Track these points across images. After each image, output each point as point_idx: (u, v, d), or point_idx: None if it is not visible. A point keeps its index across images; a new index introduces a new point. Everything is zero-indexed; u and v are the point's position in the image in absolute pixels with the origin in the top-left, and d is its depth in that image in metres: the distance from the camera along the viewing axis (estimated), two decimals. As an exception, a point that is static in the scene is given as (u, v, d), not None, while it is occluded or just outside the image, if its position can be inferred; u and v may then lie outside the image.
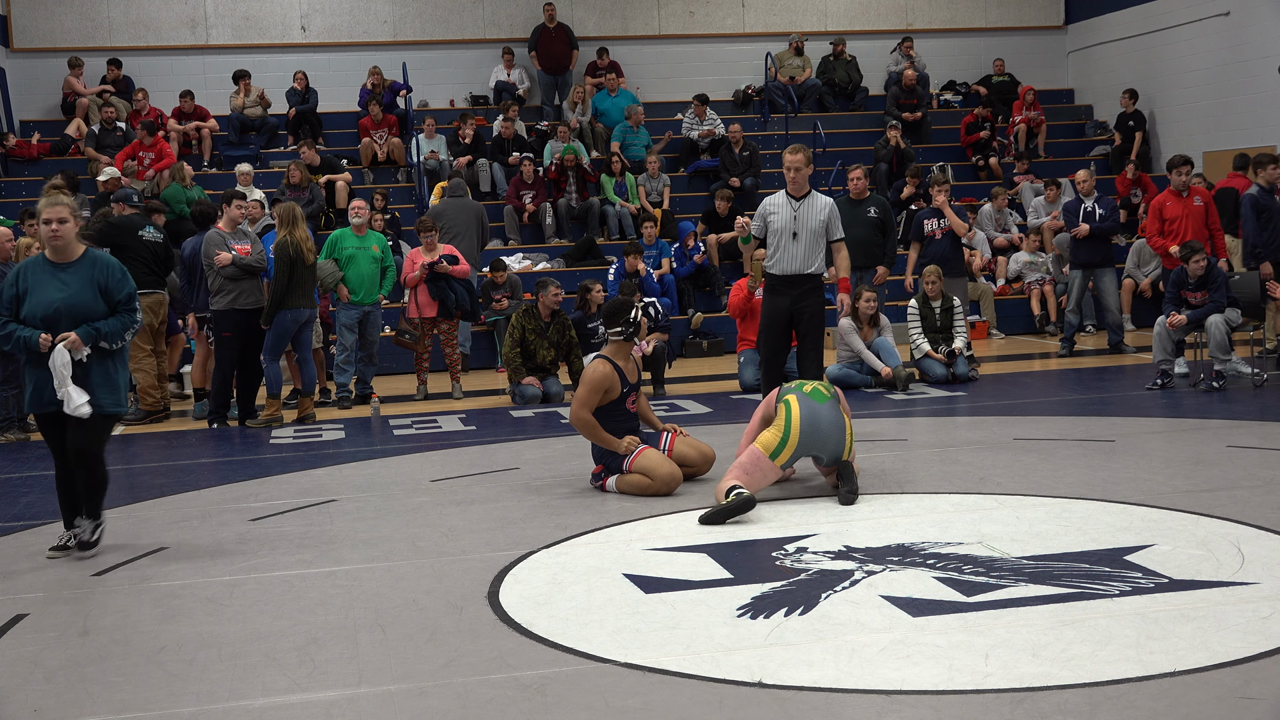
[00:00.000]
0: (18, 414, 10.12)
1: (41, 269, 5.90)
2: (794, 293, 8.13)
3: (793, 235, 8.08)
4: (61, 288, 5.87)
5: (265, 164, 16.87)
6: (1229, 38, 17.10)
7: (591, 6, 19.32)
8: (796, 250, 8.10)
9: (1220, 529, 5.63)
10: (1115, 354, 12.53)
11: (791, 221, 8.08)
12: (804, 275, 8.14)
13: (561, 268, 15.03)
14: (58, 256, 5.91)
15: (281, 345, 10.30)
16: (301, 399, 10.50)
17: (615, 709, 3.79)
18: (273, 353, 10.29)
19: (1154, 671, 3.93)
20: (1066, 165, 17.40)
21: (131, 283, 6.03)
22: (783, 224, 8.11)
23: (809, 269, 8.15)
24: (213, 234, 10.29)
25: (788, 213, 8.12)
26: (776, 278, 8.19)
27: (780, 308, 8.17)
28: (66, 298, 5.83)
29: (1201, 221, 11.70)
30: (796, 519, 6.18)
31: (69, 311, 5.82)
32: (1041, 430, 8.42)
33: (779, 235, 8.13)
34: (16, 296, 5.89)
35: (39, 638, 4.75)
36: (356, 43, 18.55)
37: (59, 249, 5.89)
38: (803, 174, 8.13)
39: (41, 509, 7.22)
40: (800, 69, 19.07)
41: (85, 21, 18.13)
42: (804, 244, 8.10)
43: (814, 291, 8.19)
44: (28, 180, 16.26)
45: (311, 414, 10.45)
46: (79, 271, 5.89)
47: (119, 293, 5.90)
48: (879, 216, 11.73)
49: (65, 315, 5.82)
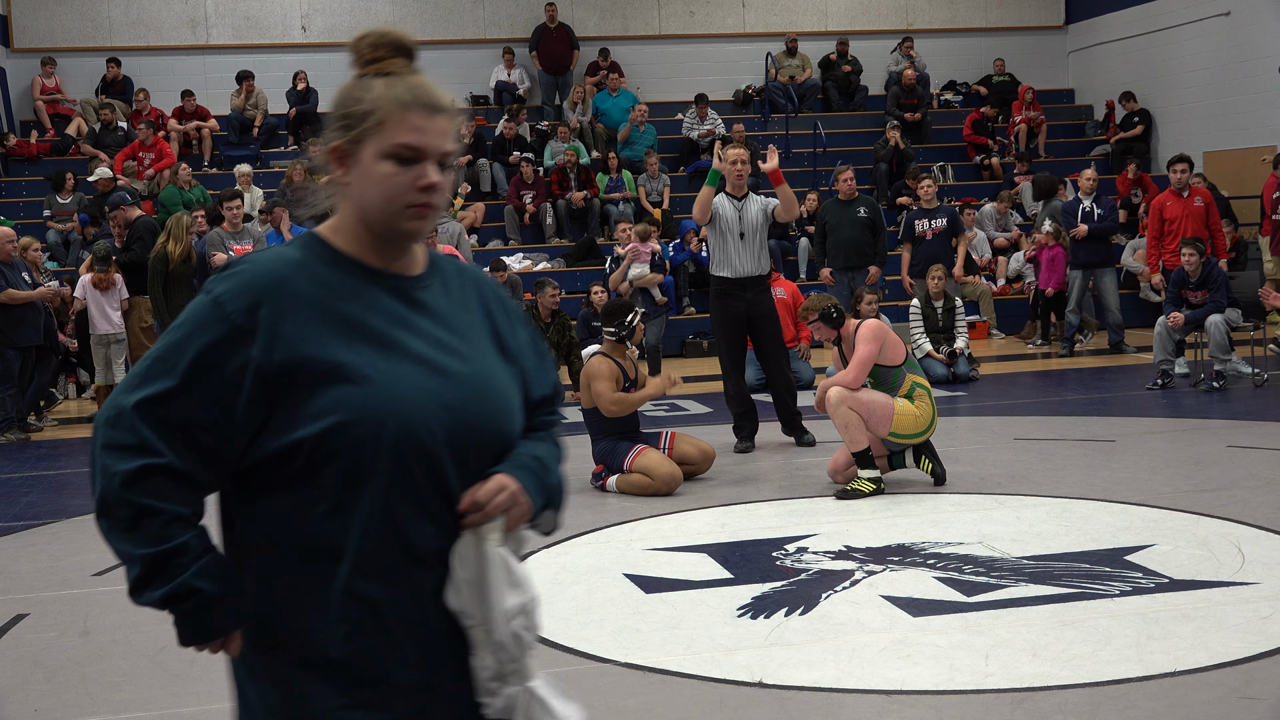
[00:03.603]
0: (17, 414, 10.12)
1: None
2: (748, 295, 7.98)
3: (739, 235, 7.95)
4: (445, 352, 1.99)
5: (265, 164, 16.87)
6: (1229, 38, 17.10)
7: (592, 6, 19.31)
8: (745, 251, 7.96)
9: (1220, 529, 5.63)
10: (1115, 354, 12.52)
11: (737, 222, 7.96)
12: (756, 276, 8.02)
13: (561, 268, 15.03)
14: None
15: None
16: None
17: (615, 709, 3.79)
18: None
19: (1154, 671, 3.93)
20: (1066, 165, 17.39)
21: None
22: (728, 225, 7.96)
23: (760, 269, 8.04)
24: (213, 234, 10.30)
25: (731, 213, 8.00)
26: (729, 281, 7.99)
27: (737, 312, 7.98)
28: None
29: (1202, 221, 11.69)
30: (796, 519, 6.18)
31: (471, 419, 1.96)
32: (1041, 430, 8.41)
33: (725, 237, 7.97)
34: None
35: (39, 638, 4.75)
36: (357, 43, 18.53)
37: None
38: (746, 170, 8.07)
39: (41, 509, 7.22)
40: (800, 69, 19.06)
41: (85, 21, 18.12)
42: (752, 243, 7.97)
43: (766, 291, 8.13)
44: (28, 180, 16.26)
45: None
46: (455, 308, 1.99)
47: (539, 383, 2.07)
48: (869, 217, 11.74)
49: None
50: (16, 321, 9.89)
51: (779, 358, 8.10)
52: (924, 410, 6.61)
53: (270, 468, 1.78)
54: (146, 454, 1.72)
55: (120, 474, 1.72)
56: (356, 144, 1.80)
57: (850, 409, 6.49)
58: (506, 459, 1.86)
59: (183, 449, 1.73)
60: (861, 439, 6.54)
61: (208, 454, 1.76)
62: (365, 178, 1.80)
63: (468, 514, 1.80)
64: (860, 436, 6.53)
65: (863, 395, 6.54)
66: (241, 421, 1.74)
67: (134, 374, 1.77)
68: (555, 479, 1.93)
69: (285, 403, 1.74)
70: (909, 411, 6.58)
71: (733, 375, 8.10)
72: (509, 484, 1.82)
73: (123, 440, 1.72)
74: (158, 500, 1.73)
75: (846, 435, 6.57)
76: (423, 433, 1.76)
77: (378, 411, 1.74)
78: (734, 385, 8.10)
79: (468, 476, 1.81)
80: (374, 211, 1.81)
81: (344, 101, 1.85)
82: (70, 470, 8.64)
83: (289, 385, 1.74)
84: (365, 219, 1.82)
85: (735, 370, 8.11)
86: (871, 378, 6.68)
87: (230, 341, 1.73)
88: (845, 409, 6.50)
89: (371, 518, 1.75)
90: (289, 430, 1.74)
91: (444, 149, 1.81)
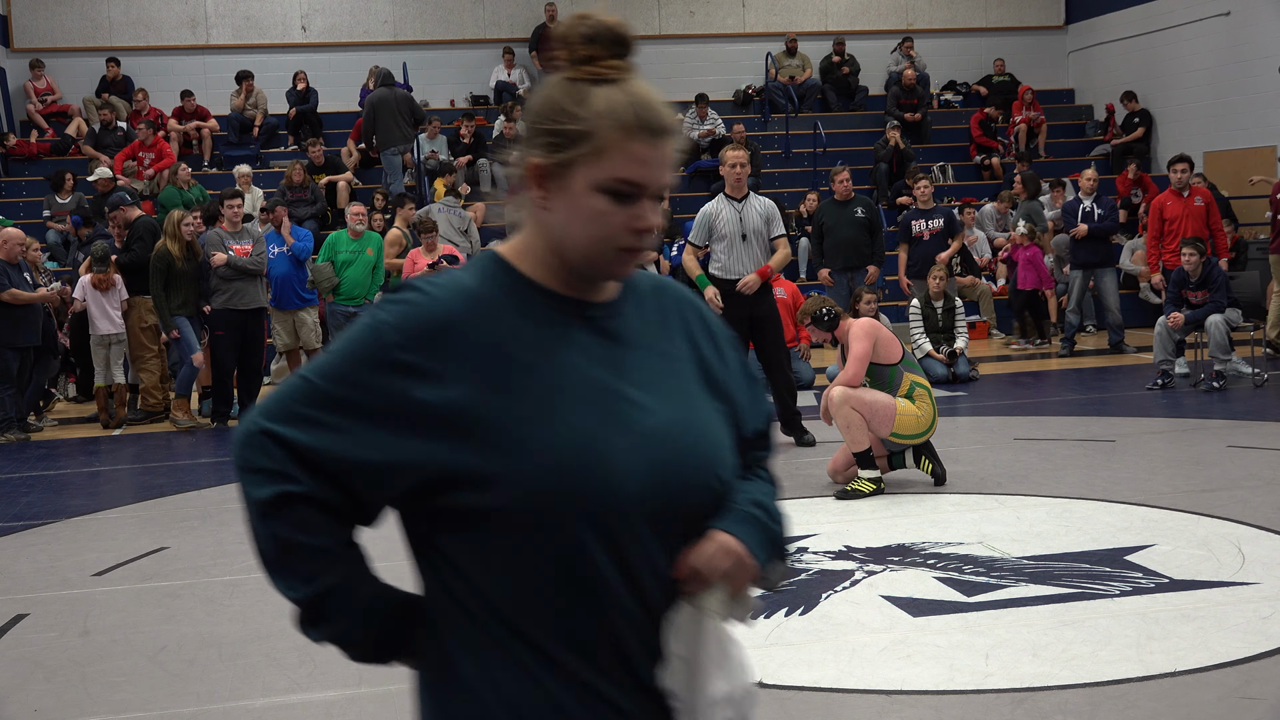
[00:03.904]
0: (17, 414, 10.12)
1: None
2: (751, 296, 7.98)
3: (742, 238, 7.95)
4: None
5: (265, 164, 16.87)
6: (1229, 38, 17.10)
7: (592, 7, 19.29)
8: (748, 253, 7.97)
9: (1221, 529, 5.63)
10: (1115, 354, 12.52)
11: (739, 224, 7.96)
12: None
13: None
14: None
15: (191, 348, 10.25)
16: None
17: (615, 709, 3.78)
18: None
19: (1154, 671, 3.93)
20: (1067, 165, 17.39)
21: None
22: (730, 228, 7.96)
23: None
24: (212, 234, 10.29)
25: (732, 215, 8.00)
26: (731, 282, 7.98)
27: (739, 315, 7.91)
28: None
29: (1202, 221, 11.69)
30: (796, 519, 6.17)
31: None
32: (1041, 430, 8.41)
33: (728, 240, 7.98)
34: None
35: (39, 638, 4.74)
36: (357, 43, 18.54)
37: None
38: (745, 172, 8.07)
39: (41, 509, 7.22)
40: (800, 69, 19.06)
41: (85, 21, 18.12)
42: (753, 245, 7.97)
43: (768, 292, 8.13)
44: (28, 180, 16.26)
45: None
46: (656, 338, 1.66)
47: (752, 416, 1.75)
48: (866, 216, 11.75)
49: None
50: (16, 322, 9.90)
51: (780, 358, 8.11)
52: (925, 411, 6.61)
53: (442, 518, 1.53)
54: (283, 480, 1.50)
55: (258, 502, 1.52)
56: (565, 168, 1.51)
57: (853, 409, 6.49)
58: (724, 511, 1.59)
59: (323, 480, 1.51)
60: (863, 439, 6.54)
61: (349, 491, 1.52)
62: (573, 210, 1.52)
63: (684, 582, 1.55)
64: (862, 437, 6.53)
65: (865, 395, 6.54)
66: (389, 468, 1.49)
67: (280, 392, 1.54)
68: (779, 525, 1.67)
69: (452, 455, 1.48)
70: (910, 412, 6.58)
71: None
72: (732, 546, 1.56)
73: (258, 462, 1.52)
74: (299, 533, 1.51)
75: (848, 435, 6.57)
76: (619, 492, 1.50)
77: (565, 468, 1.48)
78: None
79: (676, 536, 1.55)
80: (578, 249, 1.54)
81: (552, 113, 1.53)
82: (70, 470, 8.64)
83: (457, 435, 1.48)
84: (562, 251, 1.56)
85: None
86: (868, 377, 6.68)
87: (386, 376, 1.48)
88: (848, 409, 6.50)
89: (558, 586, 1.51)
90: (458, 486, 1.49)
91: (664, 183, 1.55)
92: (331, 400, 1.50)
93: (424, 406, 1.48)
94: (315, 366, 1.54)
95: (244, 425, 1.55)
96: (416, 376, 1.48)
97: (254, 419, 1.54)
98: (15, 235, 10.15)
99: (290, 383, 1.55)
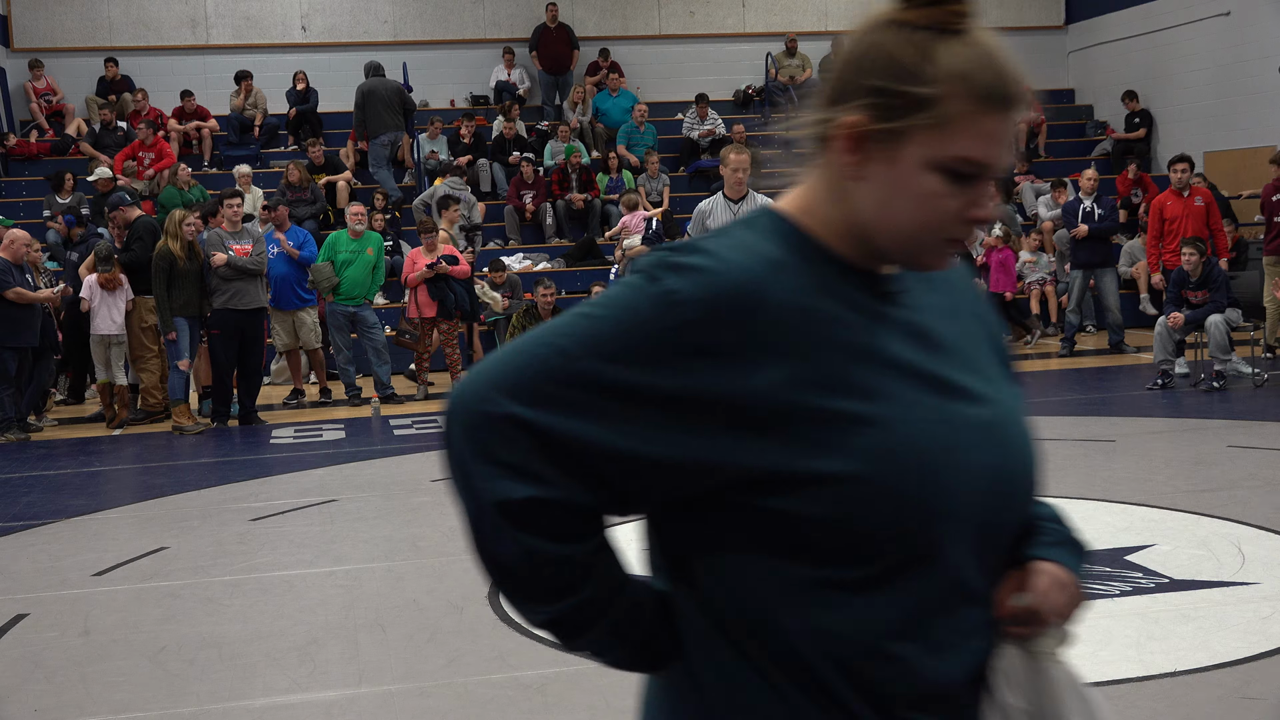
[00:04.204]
0: (17, 414, 10.12)
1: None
2: None
3: None
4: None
5: (265, 164, 16.87)
6: (1229, 38, 17.10)
7: (592, 6, 19.31)
8: None
9: (1221, 529, 5.63)
10: (1115, 354, 12.52)
11: None
12: None
13: (561, 268, 15.03)
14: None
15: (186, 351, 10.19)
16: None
17: (615, 709, 3.78)
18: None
19: (1154, 671, 3.92)
20: (1067, 165, 17.39)
21: None
22: None
23: None
24: (212, 234, 10.29)
25: (727, 216, 7.99)
26: None
27: None
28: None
29: (1202, 221, 11.69)
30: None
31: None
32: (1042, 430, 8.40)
33: None
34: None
35: (39, 638, 4.74)
36: (357, 43, 18.54)
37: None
38: (747, 175, 8.09)
39: (41, 509, 7.22)
40: (800, 69, 19.07)
41: (85, 21, 18.12)
42: None
43: None
44: (28, 180, 16.26)
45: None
46: (956, 317, 1.41)
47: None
48: None
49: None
50: (15, 323, 9.90)
51: None
52: None
53: (727, 530, 1.25)
54: (533, 480, 1.20)
55: (500, 504, 1.21)
56: (894, 136, 1.23)
57: None
58: (1033, 534, 1.37)
59: (580, 480, 1.21)
60: None
61: (611, 489, 1.23)
62: (897, 187, 1.24)
63: (1010, 622, 1.30)
64: None
65: None
66: (674, 468, 1.21)
67: (519, 364, 1.22)
68: (1078, 535, 1.44)
69: (759, 454, 1.21)
70: None
71: None
72: (1064, 578, 1.33)
73: (500, 454, 1.21)
74: (551, 542, 1.22)
75: None
76: (960, 500, 1.24)
77: (907, 471, 1.21)
78: None
79: (996, 557, 1.31)
80: (896, 232, 1.26)
81: (884, 66, 1.24)
82: (70, 470, 8.64)
83: (766, 430, 1.20)
84: (870, 229, 1.27)
85: None
86: None
87: (681, 357, 1.19)
88: None
89: (879, 619, 1.23)
90: (758, 492, 1.22)
91: (1007, 164, 1.29)
92: (602, 382, 1.20)
93: (727, 396, 1.20)
94: (571, 337, 1.22)
95: (473, 400, 1.24)
96: (720, 359, 1.20)
97: (488, 394, 1.22)
98: (21, 236, 10.24)
99: (533, 353, 1.23)
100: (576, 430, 1.20)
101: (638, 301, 1.21)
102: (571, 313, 1.25)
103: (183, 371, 10.20)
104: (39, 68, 17.31)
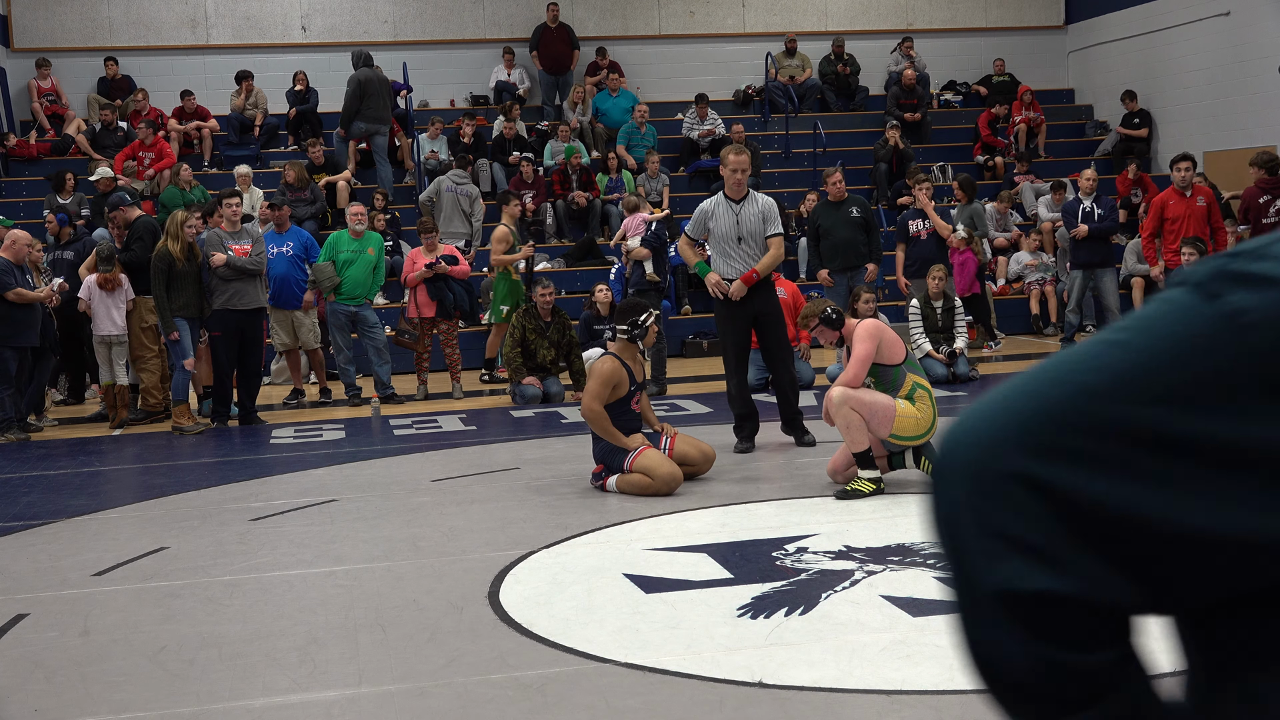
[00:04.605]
0: (17, 414, 10.13)
1: None
2: (755, 296, 7.95)
3: (737, 240, 7.94)
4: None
5: (265, 164, 16.87)
6: (1229, 38, 17.10)
7: (592, 6, 19.31)
8: (742, 256, 7.95)
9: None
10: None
11: (735, 226, 7.94)
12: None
13: (561, 268, 15.03)
14: None
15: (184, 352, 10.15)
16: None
17: (616, 709, 3.78)
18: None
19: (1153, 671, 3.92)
20: (1067, 165, 17.40)
21: None
22: (727, 229, 7.94)
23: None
24: (211, 234, 10.29)
25: (729, 217, 7.98)
26: (730, 283, 7.96)
27: (741, 313, 7.94)
28: None
29: (1204, 221, 11.69)
30: (796, 519, 6.18)
31: None
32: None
33: (723, 241, 7.97)
34: None
35: (39, 638, 4.74)
36: (357, 43, 18.52)
37: None
38: (747, 176, 8.07)
39: (41, 509, 7.22)
40: (800, 69, 19.06)
41: (85, 21, 18.13)
42: (751, 246, 7.95)
43: (771, 290, 8.14)
44: (28, 180, 16.26)
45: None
46: None
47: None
48: (861, 215, 11.76)
49: None
50: (15, 323, 9.91)
51: (785, 356, 8.12)
52: (925, 413, 6.61)
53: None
54: (1050, 566, 0.90)
55: (1004, 595, 0.92)
56: None
57: (852, 409, 6.49)
58: None
59: (1113, 565, 0.90)
60: (863, 440, 6.54)
61: (1151, 578, 0.91)
62: None
63: None
64: (861, 437, 6.53)
65: (865, 396, 6.54)
66: (1250, 548, 0.88)
67: (1029, 409, 0.92)
68: None
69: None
70: (910, 414, 6.57)
71: (736, 375, 8.12)
72: None
73: (1008, 527, 0.91)
74: (1072, 650, 0.92)
75: (848, 436, 6.57)
76: None
77: None
78: (736, 386, 8.11)
79: None
80: None
81: None
82: (70, 470, 8.64)
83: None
84: None
85: (740, 371, 8.13)
86: (871, 377, 6.69)
87: (1261, 399, 0.87)
88: (847, 410, 6.50)
89: None
90: None
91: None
92: (1147, 433, 0.89)
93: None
94: (1101, 373, 0.91)
95: (976, 451, 0.94)
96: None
97: (995, 445, 0.93)
98: (23, 236, 10.28)
99: (1049, 394, 0.92)
100: (1113, 497, 0.89)
101: (1191, 324, 0.90)
102: (1097, 340, 0.94)
103: (188, 371, 10.21)
104: (46, 67, 17.31)
